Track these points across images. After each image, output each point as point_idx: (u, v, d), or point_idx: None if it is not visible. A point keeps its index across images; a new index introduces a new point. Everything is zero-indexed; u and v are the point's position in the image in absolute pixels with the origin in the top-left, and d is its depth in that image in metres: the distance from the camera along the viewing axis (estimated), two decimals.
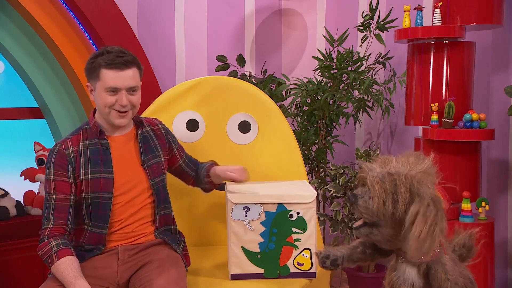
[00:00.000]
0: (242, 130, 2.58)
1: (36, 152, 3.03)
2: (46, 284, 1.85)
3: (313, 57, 3.63)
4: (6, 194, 2.90)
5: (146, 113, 2.53)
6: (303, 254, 2.14)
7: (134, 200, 2.01)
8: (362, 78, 3.33)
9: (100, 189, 1.95)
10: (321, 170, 3.52)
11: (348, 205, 1.67)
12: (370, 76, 3.46)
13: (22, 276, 2.86)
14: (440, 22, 2.88)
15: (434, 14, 2.89)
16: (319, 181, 3.37)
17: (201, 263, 2.29)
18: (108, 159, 1.99)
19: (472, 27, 2.93)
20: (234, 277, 2.13)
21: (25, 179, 3.03)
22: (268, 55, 4.11)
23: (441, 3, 2.91)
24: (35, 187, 3.06)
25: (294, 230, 2.13)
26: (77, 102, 3.16)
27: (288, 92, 3.54)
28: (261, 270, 2.14)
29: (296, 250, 2.14)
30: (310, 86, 3.42)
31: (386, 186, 1.57)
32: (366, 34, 3.45)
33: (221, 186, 2.32)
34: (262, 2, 4.05)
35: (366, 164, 1.66)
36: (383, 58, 3.50)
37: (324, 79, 3.46)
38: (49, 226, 1.89)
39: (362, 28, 3.43)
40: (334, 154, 3.55)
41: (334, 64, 3.40)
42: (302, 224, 2.12)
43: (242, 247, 2.13)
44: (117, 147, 2.02)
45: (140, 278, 1.92)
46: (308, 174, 3.44)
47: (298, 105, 3.58)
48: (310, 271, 2.15)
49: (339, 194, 3.11)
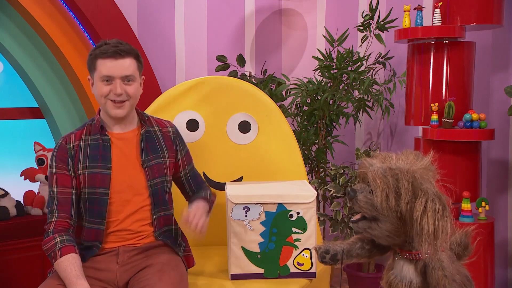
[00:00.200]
0: (242, 130, 2.58)
1: (36, 152, 3.03)
2: (46, 282, 1.85)
3: (313, 57, 3.63)
4: (6, 194, 2.90)
5: (146, 113, 2.52)
6: (303, 254, 2.14)
7: (131, 200, 1.98)
8: (362, 78, 3.33)
9: (96, 184, 1.94)
10: (321, 170, 3.52)
11: (347, 200, 1.67)
12: (370, 76, 3.46)
13: (22, 276, 2.86)
14: (440, 22, 2.88)
15: (434, 14, 2.89)
16: (319, 181, 3.37)
17: (201, 263, 2.29)
18: (107, 155, 1.97)
19: (472, 27, 2.93)
20: (234, 277, 2.13)
21: (25, 179, 3.03)
22: (268, 55, 4.11)
23: (441, 3, 2.91)
24: (35, 187, 3.06)
25: (294, 230, 2.13)
26: (77, 102, 3.16)
27: (288, 92, 3.54)
28: (261, 270, 2.14)
29: (296, 250, 2.14)
30: (310, 86, 3.42)
31: (389, 181, 1.57)
32: (366, 34, 3.45)
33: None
34: (262, 2, 4.05)
35: (366, 159, 1.66)
36: (383, 58, 3.49)
37: (324, 79, 3.46)
38: (53, 220, 1.90)
39: (362, 28, 3.43)
40: (334, 154, 3.55)
41: (334, 64, 3.40)
42: (302, 224, 2.13)
43: (242, 247, 2.13)
44: (118, 144, 2.00)
45: (140, 280, 1.90)
46: (308, 174, 3.44)
47: (298, 105, 3.58)
48: (310, 271, 2.15)
49: (339, 194, 3.11)
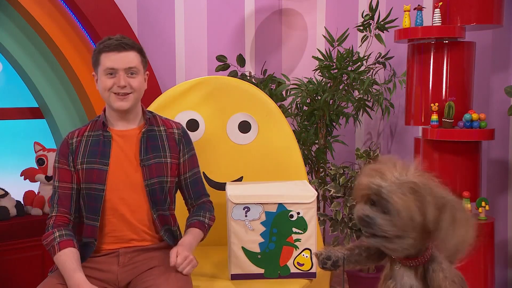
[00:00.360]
0: (242, 130, 2.58)
1: (36, 152, 3.03)
2: (46, 281, 1.85)
3: (313, 57, 3.63)
4: (6, 194, 2.90)
5: (153, 112, 2.48)
6: (303, 254, 2.14)
7: (128, 198, 1.96)
8: (362, 78, 3.33)
9: (93, 179, 1.94)
10: (321, 170, 3.52)
11: (363, 227, 1.60)
12: (370, 76, 3.46)
13: (22, 276, 2.86)
14: (440, 22, 2.88)
15: (434, 14, 2.89)
16: (319, 181, 3.37)
17: (201, 263, 2.28)
18: (106, 151, 1.97)
19: (472, 27, 2.93)
20: (234, 277, 2.13)
21: (25, 179, 3.03)
22: (268, 55, 4.11)
23: (441, 3, 2.91)
24: (35, 187, 3.06)
25: (294, 230, 2.13)
26: (77, 102, 3.16)
27: (288, 92, 3.54)
28: (261, 270, 2.14)
29: (296, 250, 2.14)
30: (310, 86, 3.42)
31: (410, 198, 1.55)
32: (366, 34, 3.45)
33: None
34: (262, 2, 4.05)
35: (365, 179, 1.59)
36: (383, 58, 3.49)
37: (324, 79, 3.46)
38: (53, 214, 1.93)
39: (362, 28, 3.43)
40: (334, 154, 3.55)
41: (334, 64, 3.40)
42: (302, 224, 2.12)
43: (242, 247, 2.13)
44: (119, 141, 2.00)
45: (144, 281, 1.87)
46: (308, 174, 3.44)
47: (298, 105, 3.58)
48: (310, 271, 2.15)
49: (339, 194, 3.11)
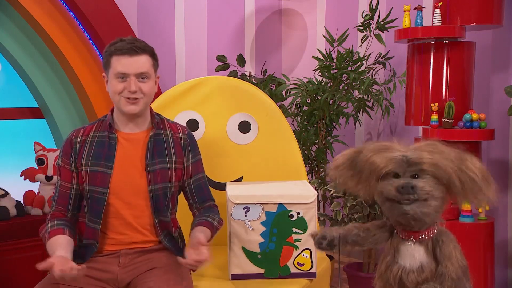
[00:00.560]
0: (242, 130, 2.58)
1: (36, 152, 3.03)
2: (45, 280, 1.84)
3: (313, 57, 3.63)
4: (6, 194, 2.90)
5: (161, 115, 2.46)
6: (304, 255, 2.14)
7: (131, 203, 1.94)
8: (362, 78, 3.33)
9: (96, 182, 1.92)
10: (321, 170, 3.52)
11: (406, 193, 1.60)
12: (370, 76, 3.46)
13: (22, 276, 2.86)
14: (440, 22, 2.88)
15: (434, 14, 2.89)
16: (319, 181, 3.37)
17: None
18: (111, 154, 1.94)
19: (472, 27, 2.93)
20: (234, 277, 2.13)
21: (25, 179, 3.02)
22: (268, 55, 4.12)
23: (441, 3, 2.91)
24: (35, 187, 3.05)
25: (294, 230, 2.13)
26: (77, 102, 3.16)
27: (288, 92, 3.54)
28: (261, 270, 2.14)
29: (296, 250, 2.14)
30: (310, 86, 3.42)
31: (436, 156, 1.62)
32: (366, 34, 3.45)
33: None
34: (262, 2, 4.05)
35: (391, 154, 1.64)
36: (383, 58, 3.49)
37: (324, 79, 3.46)
38: (51, 211, 1.96)
39: (362, 28, 3.43)
40: (334, 154, 3.55)
41: (334, 64, 3.40)
42: (302, 224, 2.12)
43: (242, 247, 2.13)
44: (125, 144, 1.97)
45: (144, 281, 1.86)
46: (308, 174, 3.44)
47: (298, 105, 3.58)
48: (310, 271, 2.15)
49: (339, 194, 3.11)
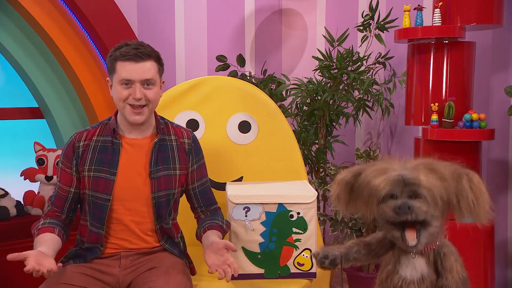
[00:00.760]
0: (242, 130, 2.58)
1: (36, 152, 3.03)
2: (48, 281, 1.84)
3: (313, 57, 3.63)
4: (6, 194, 2.90)
5: (165, 118, 2.44)
6: (304, 255, 2.14)
7: (133, 209, 1.94)
8: (362, 78, 3.33)
9: (99, 189, 1.91)
10: (321, 170, 3.52)
11: (402, 215, 1.60)
12: (370, 76, 3.46)
13: (22, 276, 2.84)
14: (440, 22, 2.88)
15: (434, 14, 2.89)
16: (319, 181, 3.37)
17: (201, 263, 2.29)
18: (115, 160, 1.92)
19: (472, 27, 2.93)
20: (234, 277, 2.13)
21: (25, 179, 3.02)
22: (268, 55, 4.12)
23: (441, 3, 2.91)
24: (35, 187, 3.05)
25: (294, 230, 2.13)
26: (77, 102, 3.16)
27: (288, 92, 3.54)
28: (261, 270, 2.14)
29: (296, 250, 2.14)
30: (310, 86, 3.42)
31: (431, 176, 1.64)
32: (366, 34, 3.45)
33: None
34: (262, 2, 4.05)
35: (387, 176, 1.62)
36: (383, 58, 3.49)
37: (324, 79, 3.46)
38: (46, 210, 1.97)
39: (362, 28, 3.43)
40: (334, 154, 3.55)
41: (334, 64, 3.40)
42: (302, 224, 2.12)
43: (242, 247, 2.13)
44: (129, 150, 1.94)
45: (144, 281, 1.86)
46: (308, 174, 3.44)
47: (298, 105, 3.58)
48: (310, 271, 2.15)
49: None
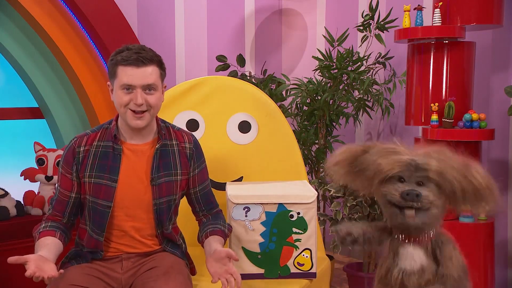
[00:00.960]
0: (242, 130, 2.58)
1: (36, 152, 3.03)
2: (54, 282, 1.83)
3: (313, 57, 3.63)
4: (6, 194, 2.90)
5: (167, 122, 2.43)
6: (304, 255, 2.14)
7: (134, 215, 1.93)
8: (362, 78, 3.33)
9: (100, 196, 1.89)
10: (321, 170, 3.52)
11: (410, 201, 1.62)
12: (370, 76, 3.46)
13: (22, 276, 2.85)
14: (440, 22, 2.88)
15: (434, 14, 2.90)
16: (319, 181, 3.37)
17: (201, 264, 2.29)
18: (115, 167, 1.90)
19: (472, 27, 2.93)
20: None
21: (25, 179, 3.02)
22: (268, 55, 4.12)
23: (441, 3, 2.91)
24: (35, 187, 3.05)
25: (294, 230, 2.13)
26: (77, 102, 3.16)
27: (288, 92, 3.54)
28: (261, 270, 2.14)
29: (296, 250, 2.14)
30: (310, 86, 3.42)
31: (443, 163, 1.67)
32: (366, 34, 3.45)
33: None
34: (262, 2, 4.06)
35: (399, 157, 1.66)
36: (383, 58, 3.49)
37: (324, 79, 3.46)
38: (48, 214, 1.95)
39: (362, 28, 3.43)
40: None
41: (334, 64, 3.40)
42: (302, 224, 2.12)
43: (242, 247, 2.13)
44: (130, 156, 1.92)
45: (145, 282, 1.86)
46: (308, 174, 3.44)
47: (298, 105, 3.58)
48: (310, 271, 2.15)
49: (339, 194, 3.11)
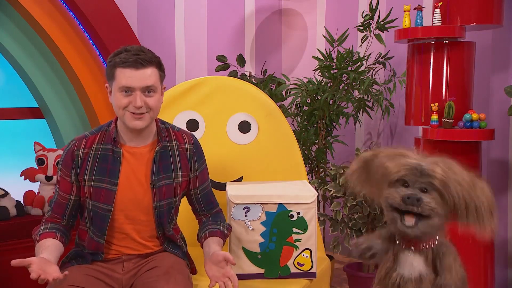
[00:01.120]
0: (242, 130, 2.58)
1: (36, 152, 3.03)
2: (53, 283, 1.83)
3: (313, 57, 3.63)
4: (6, 194, 2.90)
5: (167, 123, 2.42)
6: (304, 255, 2.14)
7: (135, 218, 1.92)
8: (362, 78, 3.33)
9: (100, 199, 1.88)
10: (321, 170, 3.52)
11: (411, 206, 1.62)
12: (370, 76, 3.46)
13: (22, 276, 2.85)
14: (440, 22, 2.88)
15: (434, 14, 2.89)
16: (319, 181, 3.37)
17: (201, 263, 2.28)
18: (115, 170, 1.89)
19: (472, 27, 2.93)
20: None
21: (25, 179, 3.02)
22: (268, 55, 4.12)
23: (441, 3, 2.91)
24: (35, 187, 3.05)
25: (294, 230, 2.13)
26: (77, 102, 3.16)
27: (288, 92, 3.54)
28: (261, 270, 2.14)
29: (296, 250, 2.14)
30: (310, 86, 3.42)
31: (449, 172, 1.67)
32: (366, 34, 3.45)
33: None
34: (262, 2, 4.06)
35: (406, 161, 1.66)
36: (383, 58, 3.50)
37: (324, 79, 3.46)
38: (47, 216, 1.94)
39: (362, 28, 3.43)
40: (334, 154, 3.55)
41: (334, 64, 3.40)
42: (302, 224, 2.12)
43: (242, 247, 2.13)
44: (129, 159, 1.91)
45: (145, 282, 1.86)
46: (308, 174, 3.44)
47: (298, 105, 3.58)
48: (310, 271, 2.15)
49: (339, 194, 3.11)
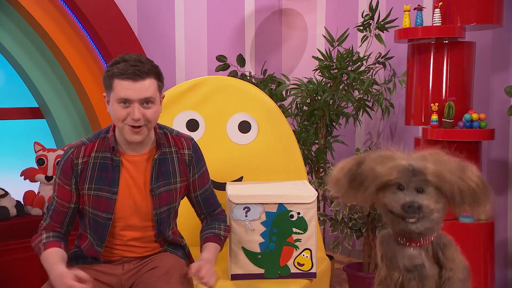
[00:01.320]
0: (242, 130, 2.58)
1: (36, 152, 3.03)
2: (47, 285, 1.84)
3: (313, 57, 3.64)
4: (6, 194, 2.90)
5: (165, 127, 2.41)
6: (304, 255, 2.14)
7: (135, 225, 1.92)
8: (362, 78, 3.33)
9: (100, 208, 1.87)
10: (321, 170, 3.52)
11: (412, 214, 1.65)
12: (370, 76, 3.46)
13: (22, 276, 2.86)
14: (440, 22, 2.88)
15: (434, 14, 2.90)
16: (319, 181, 3.37)
17: None
18: (115, 178, 1.88)
19: (472, 27, 2.94)
20: (235, 277, 2.13)
21: (25, 179, 3.02)
22: (268, 55, 4.12)
23: (441, 3, 2.91)
24: (35, 187, 3.05)
25: (294, 230, 2.13)
26: (77, 102, 3.16)
27: (288, 92, 3.54)
28: (261, 270, 2.14)
29: (296, 250, 2.14)
30: (310, 86, 3.42)
31: (440, 166, 1.64)
32: (366, 34, 3.45)
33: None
34: (262, 2, 4.06)
35: (395, 163, 1.67)
36: (383, 58, 3.50)
37: (324, 79, 3.47)
38: (45, 224, 1.91)
39: (362, 28, 3.43)
40: (334, 154, 3.55)
41: (334, 64, 3.40)
42: (302, 224, 2.12)
43: (242, 247, 2.13)
44: (128, 167, 1.90)
45: (145, 282, 1.85)
46: (308, 174, 3.44)
47: (298, 105, 3.58)
48: (310, 272, 2.15)
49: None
